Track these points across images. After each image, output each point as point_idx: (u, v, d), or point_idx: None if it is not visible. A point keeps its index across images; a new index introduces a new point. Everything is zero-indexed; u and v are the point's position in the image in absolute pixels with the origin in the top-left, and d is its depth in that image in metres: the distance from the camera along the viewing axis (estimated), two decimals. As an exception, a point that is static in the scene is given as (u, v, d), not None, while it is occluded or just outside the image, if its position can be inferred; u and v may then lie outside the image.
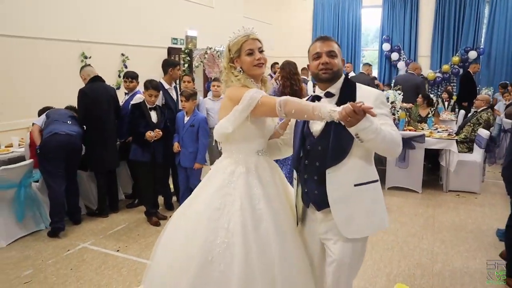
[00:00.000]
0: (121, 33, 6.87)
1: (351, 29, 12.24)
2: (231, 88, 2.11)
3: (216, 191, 2.04)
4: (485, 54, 10.69)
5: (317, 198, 1.99)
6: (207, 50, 8.41)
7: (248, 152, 2.12)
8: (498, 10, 10.49)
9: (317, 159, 1.98)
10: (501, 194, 5.49)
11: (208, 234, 1.96)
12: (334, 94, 2.01)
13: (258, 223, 1.97)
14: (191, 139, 4.48)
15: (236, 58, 2.11)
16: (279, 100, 1.88)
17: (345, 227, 1.93)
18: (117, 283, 3.24)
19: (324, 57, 1.97)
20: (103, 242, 4.02)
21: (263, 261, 1.92)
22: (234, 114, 2.01)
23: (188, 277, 1.93)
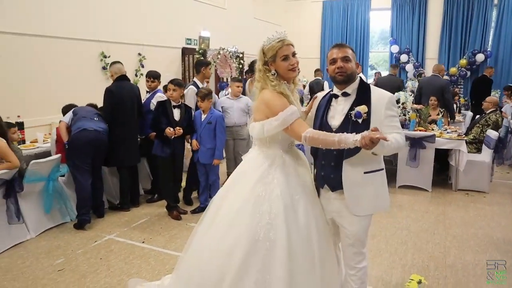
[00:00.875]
0: (138, 33, 7.07)
1: (359, 31, 12.39)
2: (268, 93, 2.30)
3: (257, 181, 2.28)
4: (492, 57, 10.82)
5: (333, 181, 2.31)
6: (220, 50, 8.60)
7: (281, 148, 2.39)
8: (506, 14, 10.61)
9: (335, 149, 2.21)
10: (509, 194, 5.64)
11: (254, 218, 2.21)
12: (350, 94, 2.30)
13: (296, 207, 2.25)
14: (208, 136, 4.65)
15: (271, 62, 2.31)
16: (304, 135, 2.16)
17: (354, 207, 2.27)
18: (146, 272, 3.42)
19: (339, 62, 2.25)
20: (128, 234, 4.20)
21: (303, 239, 2.20)
22: (268, 126, 2.28)
23: (236, 258, 2.15)
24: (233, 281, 2.13)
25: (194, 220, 4.60)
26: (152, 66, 7.11)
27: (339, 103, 2.32)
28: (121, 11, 6.72)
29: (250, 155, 2.50)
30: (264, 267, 2.15)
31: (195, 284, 2.29)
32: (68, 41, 5.86)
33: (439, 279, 3.32)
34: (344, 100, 2.30)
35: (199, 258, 2.32)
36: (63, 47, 5.80)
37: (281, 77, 2.33)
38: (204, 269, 2.26)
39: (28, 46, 5.35)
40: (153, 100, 5.02)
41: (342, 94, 2.31)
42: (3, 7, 5.03)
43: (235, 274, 2.14)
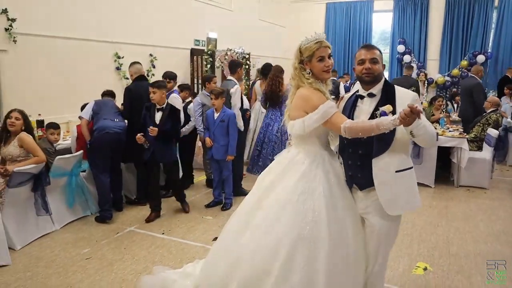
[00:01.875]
0: (149, 34, 7.30)
1: (362, 32, 12.60)
2: (306, 90, 2.44)
3: (299, 179, 2.39)
4: (492, 58, 11.04)
5: (361, 180, 2.41)
6: (227, 51, 8.83)
7: (320, 145, 2.51)
8: (506, 16, 10.82)
9: (360, 148, 2.38)
10: (508, 190, 5.87)
11: (298, 215, 2.33)
12: (376, 95, 2.40)
13: (336, 204, 2.38)
14: (221, 133, 4.88)
15: (306, 61, 2.44)
16: (343, 126, 2.25)
17: (389, 206, 2.34)
18: (169, 260, 3.64)
19: (367, 63, 2.37)
20: (148, 227, 4.43)
21: (342, 236, 2.34)
22: (308, 121, 2.38)
23: (281, 255, 2.27)
24: (279, 277, 2.24)
25: (209, 213, 4.84)
26: (162, 66, 7.38)
27: (364, 104, 2.43)
28: (133, 13, 6.94)
29: (288, 154, 2.58)
30: (308, 264, 2.25)
31: (239, 277, 2.37)
32: (85, 42, 6.09)
33: (443, 266, 3.55)
34: (370, 101, 2.41)
35: (241, 252, 2.41)
36: (80, 47, 6.02)
37: (315, 77, 2.45)
38: (249, 263, 2.35)
39: (47, 47, 5.58)
40: (168, 100, 5.23)
41: (368, 95, 2.41)
42: (24, 10, 5.26)
43: (280, 269, 2.25)
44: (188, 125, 5.53)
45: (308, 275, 2.25)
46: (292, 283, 2.25)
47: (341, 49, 12.86)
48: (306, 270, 2.25)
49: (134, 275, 3.38)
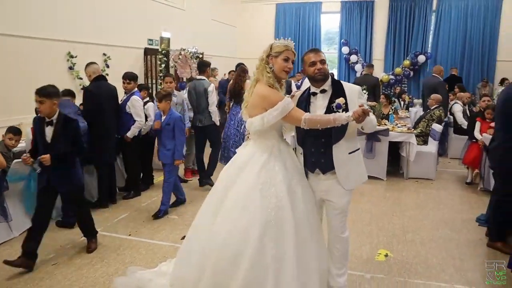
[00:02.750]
0: (103, 33, 7.10)
1: (311, 33, 12.99)
2: (263, 88, 2.66)
3: (260, 170, 2.62)
4: (432, 58, 11.82)
5: (323, 165, 2.72)
6: (181, 51, 8.79)
7: (276, 139, 2.75)
8: (443, 19, 11.65)
9: (322, 137, 2.68)
10: (451, 180, 6.36)
11: (263, 201, 2.54)
12: (327, 90, 2.72)
13: (294, 188, 2.64)
14: (167, 137, 4.71)
15: (273, 56, 2.66)
16: (303, 117, 2.54)
17: (345, 182, 2.71)
18: (140, 261, 3.63)
19: (318, 64, 2.68)
20: (113, 229, 4.36)
21: (304, 215, 2.60)
22: (268, 117, 2.61)
23: (252, 237, 2.46)
24: (251, 259, 2.42)
25: (174, 213, 4.84)
26: (116, 66, 7.24)
27: (318, 99, 2.73)
28: (86, 11, 6.72)
29: (247, 148, 2.81)
30: (277, 242, 2.49)
31: (212, 264, 2.53)
32: (34, 41, 5.81)
33: (402, 252, 3.83)
34: (322, 96, 2.71)
35: (213, 240, 2.57)
36: (29, 46, 5.74)
37: (274, 74, 2.67)
38: (221, 249, 2.51)
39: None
40: (129, 102, 5.17)
41: (321, 91, 2.71)
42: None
43: (252, 253, 2.44)
44: (145, 125, 5.45)
45: (278, 255, 2.47)
46: (264, 265, 2.44)
47: (291, 49, 13.15)
48: (275, 251, 2.47)
49: (106, 277, 3.35)
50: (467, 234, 4.27)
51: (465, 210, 5.00)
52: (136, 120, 5.16)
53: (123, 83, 5.29)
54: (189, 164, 6.35)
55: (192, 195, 5.55)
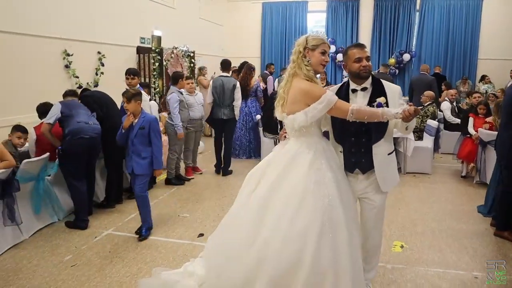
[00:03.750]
0: (97, 30, 6.98)
1: (298, 32, 13.06)
2: (302, 82, 2.60)
3: (309, 168, 2.56)
4: (416, 56, 12.12)
5: (364, 164, 2.71)
6: (173, 49, 8.72)
7: (318, 135, 2.72)
8: (427, 18, 11.97)
9: (363, 137, 2.67)
10: (447, 174, 6.56)
11: (317, 202, 2.49)
12: (368, 88, 2.70)
13: (341, 188, 2.60)
14: (142, 143, 4.01)
15: (309, 50, 2.61)
16: (351, 108, 2.49)
17: (383, 183, 2.71)
18: (161, 259, 3.61)
19: (364, 61, 2.65)
20: (125, 228, 4.31)
21: (351, 213, 2.61)
22: (312, 112, 2.55)
23: (311, 242, 2.40)
24: (311, 262, 2.37)
25: (185, 211, 4.82)
26: (111, 64, 7.15)
27: (358, 97, 2.69)
28: (80, 7, 6.59)
29: (288, 146, 2.71)
30: (333, 244, 2.43)
31: (266, 274, 2.42)
32: (30, 38, 5.66)
33: (416, 242, 3.95)
34: (363, 94, 2.68)
35: (266, 246, 2.45)
36: (25, 44, 5.59)
37: (312, 67, 2.62)
38: (278, 256, 2.41)
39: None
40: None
41: (362, 89, 2.69)
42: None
43: (311, 259, 2.38)
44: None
45: (335, 258, 2.41)
46: (323, 269, 2.38)
47: (277, 47, 13.27)
48: (332, 254, 2.41)
49: (131, 277, 3.31)
50: (473, 225, 4.42)
51: (465, 202, 5.17)
52: None
53: (127, 79, 5.23)
54: (189, 162, 6.33)
55: (197, 192, 5.55)
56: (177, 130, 5.68)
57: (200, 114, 6.20)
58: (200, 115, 6.22)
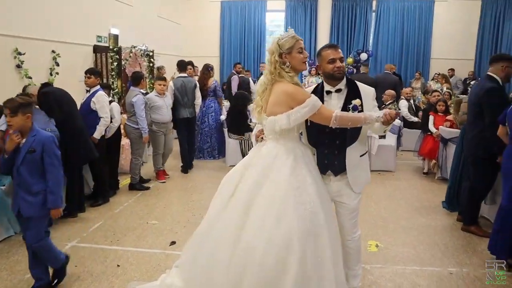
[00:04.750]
0: (51, 27, 6.56)
1: (257, 31, 13.06)
2: (287, 85, 2.53)
3: (291, 173, 2.48)
4: (373, 56, 12.44)
5: (336, 167, 2.68)
6: (132, 48, 8.40)
7: (297, 139, 2.68)
8: (382, 19, 12.32)
9: (337, 139, 2.64)
10: (410, 171, 6.74)
11: (298, 209, 2.41)
12: (342, 90, 2.66)
13: (320, 191, 2.55)
14: (31, 172, 2.92)
15: (286, 54, 2.54)
16: (334, 115, 2.44)
17: (354, 185, 2.69)
18: (134, 272, 3.40)
19: (338, 62, 2.61)
20: (91, 239, 4.05)
21: (331, 217, 2.57)
22: (295, 115, 2.49)
23: (295, 249, 2.32)
24: (298, 272, 2.29)
25: (153, 217, 4.62)
26: (66, 64, 6.76)
27: (333, 99, 2.65)
28: (33, 4, 6.15)
29: (266, 149, 2.62)
30: (316, 250, 2.38)
31: (250, 282, 2.33)
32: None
33: (389, 241, 3.99)
34: (338, 96, 2.65)
35: (248, 254, 2.36)
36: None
37: (293, 69, 2.56)
38: (261, 264, 2.31)
39: None
40: (94, 98, 4.84)
41: (336, 91, 2.65)
42: None
43: (298, 264, 2.30)
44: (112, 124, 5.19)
45: (318, 263, 2.37)
46: (307, 276, 2.33)
47: (236, 46, 13.15)
48: (315, 260, 2.36)
49: (102, 293, 3.10)
50: (440, 220, 4.55)
51: (430, 198, 5.32)
52: (101, 118, 4.85)
53: (85, 79, 4.95)
54: (159, 166, 6.08)
55: (164, 197, 5.36)
56: (143, 133, 5.44)
57: (169, 117, 5.96)
58: (169, 118, 5.99)
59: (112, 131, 5.18)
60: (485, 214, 4.43)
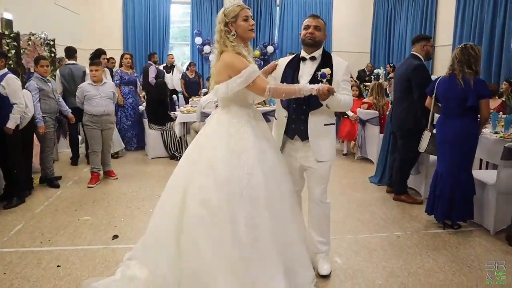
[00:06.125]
0: None
1: (162, 23, 12.55)
2: (228, 54, 2.51)
3: (230, 137, 2.50)
4: (279, 49, 12.83)
5: (303, 132, 2.75)
6: (30, 36, 7.48)
7: (244, 105, 2.63)
8: (286, 13, 12.74)
9: (304, 104, 2.72)
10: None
11: (235, 171, 2.43)
12: (316, 59, 2.77)
13: (264, 155, 2.54)
14: None
15: (232, 22, 2.52)
16: (268, 87, 2.47)
17: (316, 152, 2.76)
18: (80, 271, 3.01)
19: (311, 28, 2.73)
20: (16, 242, 3.49)
21: (276, 183, 2.53)
22: (231, 84, 2.49)
23: (227, 208, 2.36)
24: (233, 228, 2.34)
25: (85, 213, 4.17)
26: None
27: (307, 65, 2.77)
28: None
29: (215, 116, 2.66)
30: (252, 210, 2.39)
31: (186, 244, 2.38)
32: None
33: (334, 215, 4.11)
34: (311, 64, 2.76)
35: (187, 222, 2.41)
36: None
37: (240, 38, 2.54)
38: (203, 222, 2.36)
39: None
40: (3, 82, 4.19)
41: (310, 58, 2.75)
42: None
43: (230, 222, 2.34)
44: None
45: (252, 220, 2.38)
46: (240, 231, 2.34)
47: (141, 39, 12.48)
48: (250, 217, 2.38)
49: (48, 298, 2.69)
50: (372, 194, 4.88)
51: (356, 176, 5.68)
52: (14, 104, 4.22)
53: None
54: (93, 166, 5.28)
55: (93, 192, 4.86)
56: (38, 124, 4.88)
57: (103, 109, 5.15)
58: (103, 110, 5.15)
59: (25, 122, 4.54)
60: (410, 184, 4.84)
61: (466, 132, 3.63)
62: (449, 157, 3.69)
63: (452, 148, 3.67)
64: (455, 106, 3.66)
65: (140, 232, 3.58)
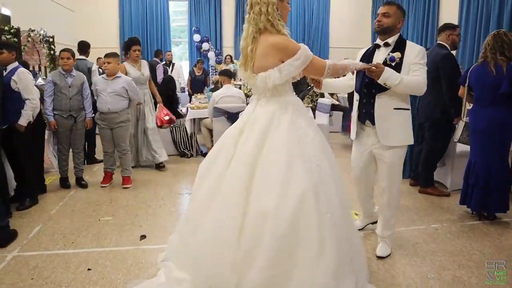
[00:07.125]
0: None
1: (159, 21, 12.33)
2: (277, 36, 2.30)
3: (289, 129, 2.29)
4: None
5: (372, 116, 2.78)
6: (30, 32, 7.22)
7: (291, 93, 2.47)
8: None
9: (373, 88, 2.74)
10: (340, 149, 6.98)
11: (305, 164, 2.23)
12: (390, 45, 2.81)
13: (323, 144, 2.39)
14: None
15: (279, 2, 2.33)
16: (328, 64, 2.38)
17: (383, 136, 2.78)
18: (114, 274, 2.84)
19: (380, 16, 2.78)
20: (38, 245, 3.30)
21: (337, 170, 2.40)
22: (288, 68, 2.29)
23: (309, 204, 2.14)
24: (313, 225, 2.14)
25: (105, 213, 3.99)
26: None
27: (381, 52, 2.84)
28: None
29: (262, 108, 2.41)
30: (327, 204, 2.19)
31: (269, 236, 2.13)
32: None
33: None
34: (385, 50, 2.81)
35: (260, 223, 2.14)
36: None
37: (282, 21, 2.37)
38: (278, 220, 2.12)
39: None
40: (15, 76, 3.95)
41: (384, 44, 2.82)
42: None
43: (316, 218, 2.13)
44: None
45: (330, 217, 2.20)
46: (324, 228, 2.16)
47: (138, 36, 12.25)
48: (327, 215, 2.20)
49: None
50: (396, 187, 4.75)
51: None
52: (27, 100, 3.98)
53: None
54: (107, 166, 5.03)
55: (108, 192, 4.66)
56: (47, 118, 4.64)
57: (108, 106, 4.69)
58: (108, 108, 4.70)
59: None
60: (435, 177, 4.73)
61: (500, 121, 3.54)
62: (483, 146, 3.61)
63: (485, 137, 3.58)
64: (487, 94, 3.57)
65: (167, 231, 3.44)
